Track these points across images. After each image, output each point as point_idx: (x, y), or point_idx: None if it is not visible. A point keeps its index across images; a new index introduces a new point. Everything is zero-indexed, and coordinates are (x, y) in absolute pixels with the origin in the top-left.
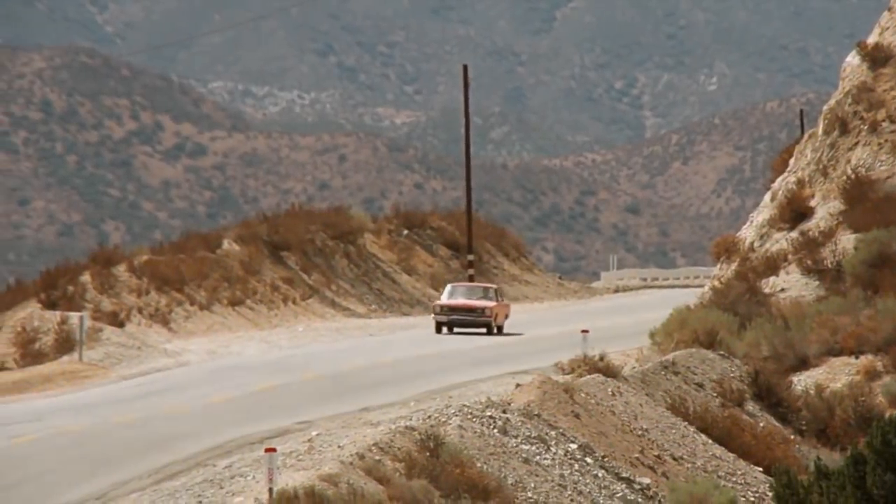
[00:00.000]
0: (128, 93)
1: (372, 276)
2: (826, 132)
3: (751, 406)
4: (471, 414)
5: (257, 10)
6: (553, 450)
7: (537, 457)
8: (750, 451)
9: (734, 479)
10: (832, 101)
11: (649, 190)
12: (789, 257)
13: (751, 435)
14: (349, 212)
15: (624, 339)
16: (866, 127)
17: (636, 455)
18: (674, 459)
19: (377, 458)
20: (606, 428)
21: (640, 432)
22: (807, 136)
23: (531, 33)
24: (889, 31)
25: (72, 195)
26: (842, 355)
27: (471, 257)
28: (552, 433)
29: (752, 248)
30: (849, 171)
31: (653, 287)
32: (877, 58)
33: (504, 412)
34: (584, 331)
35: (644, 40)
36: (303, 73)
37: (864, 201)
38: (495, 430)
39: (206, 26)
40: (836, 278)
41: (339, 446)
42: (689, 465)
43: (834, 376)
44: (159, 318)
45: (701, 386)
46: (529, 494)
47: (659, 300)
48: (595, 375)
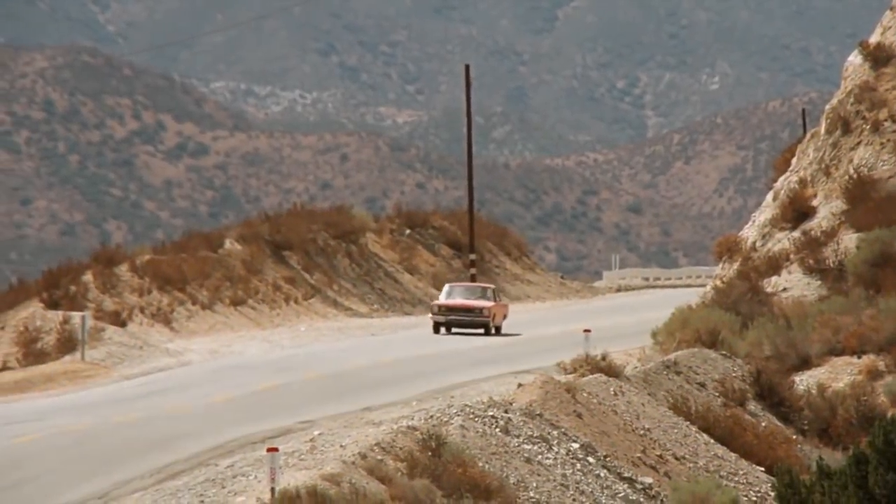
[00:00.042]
0: (130, 92)
1: (374, 276)
2: (828, 132)
3: (753, 406)
4: (473, 413)
5: (259, 10)
6: (555, 449)
7: (539, 456)
8: (752, 451)
9: (736, 478)
10: (834, 100)
11: (651, 189)
12: (791, 257)
13: (753, 434)
14: (351, 211)
15: (626, 339)
16: (868, 126)
17: (638, 455)
18: (676, 459)
19: (379, 457)
20: (608, 427)
21: (642, 432)
22: (809, 135)
23: (533, 33)
24: (891, 30)
25: (74, 195)
26: (844, 355)
27: (473, 257)
28: (554, 433)
29: (754, 248)
30: (851, 171)
31: (655, 286)
32: (879, 57)
33: (506, 412)
34: (587, 330)
35: (646, 40)
36: (305, 73)
37: (866, 201)
38: (497, 430)
39: (208, 26)
40: (838, 278)
41: (341, 446)
42: (691, 465)
43: (836, 376)
44: (161, 318)
45: (703, 385)
46: (531, 494)
47: (661, 300)
48: (597, 375)
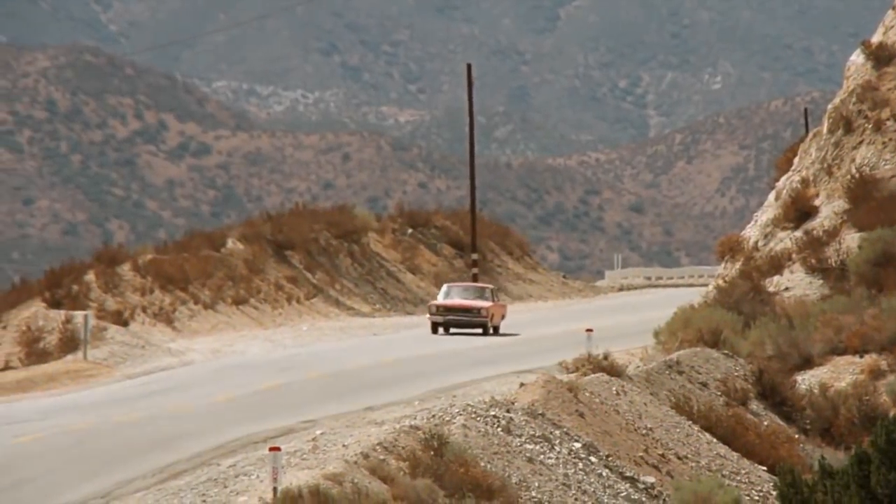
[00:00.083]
0: (132, 92)
1: (376, 276)
2: (830, 131)
3: (755, 405)
4: (475, 413)
5: (261, 10)
6: (557, 449)
7: (541, 456)
8: (754, 450)
9: (738, 478)
10: (836, 99)
11: (653, 189)
12: (793, 256)
13: (755, 434)
14: (353, 211)
15: (628, 338)
16: (871, 126)
17: (640, 454)
18: (678, 458)
19: (381, 457)
20: (611, 427)
21: (644, 431)
22: (811, 135)
23: (535, 32)
24: (893, 30)
25: (76, 194)
26: (846, 354)
27: (475, 256)
28: (556, 432)
29: (756, 247)
30: (853, 170)
31: (657, 286)
32: (881, 57)
33: (508, 411)
34: (589, 330)
35: (648, 39)
36: (307, 72)
37: (868, 200)
38: (499, 430)
39: (210, 25)
40: (840, 277)
41: (343, 445)
42: (694, 464)
43: (838, 375)
44: (163, 317)
45: (705, 385)
46: (533, 494)
47: (663, 299)
48: (599, 374)
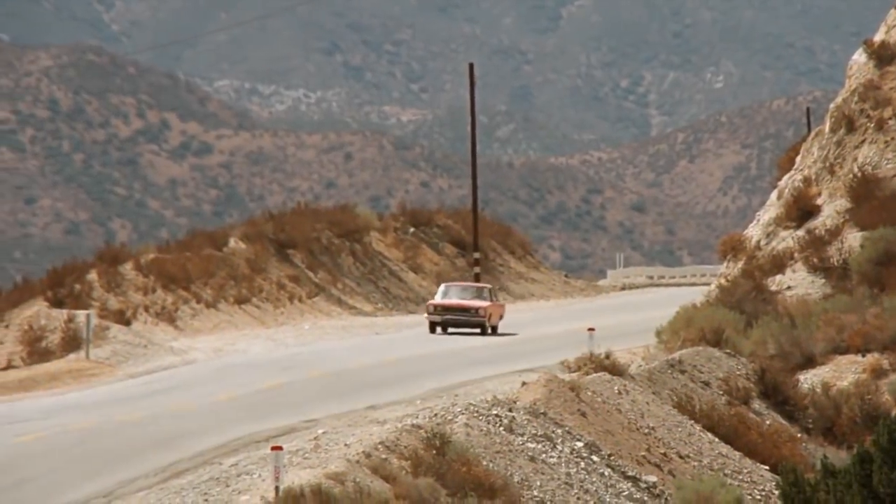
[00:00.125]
0: (134, 91)
1: (378, 275)
2: (832, 130)
3: (757, 404)
4: (477, 412)
5: (263, 9)
6: (559, 448)
7: (543, 455)
8: (756, 450)
9: (740, 477)
10: (839, 99)
11: (655, 188)
12: (796, 255)
13: (757, 433)
14: (355, 210)
15: (630, 338)
16: (873, 125)
17: (642, 453)
18: (680, 457)
19: (383, 456)
20: (613, 426)
21: (646, 430)
22: (813, 134)
23: (537, 32)
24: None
25: (78, 193)
26: (848, 353)
27: (477, 255)
28: (558, 431)
29: (758, 247)
30: (855, 170)
31: (659, 285)
32: (883, 56)
33: (510, 410)
34: (591, 329)
35: (650, 38)
36: (309, 72)
37: (870, 199)
38: (501, 429)
39: (212, 25)
40: (842, 276)
41: (345, 444)
42: (696, 464)
43: (840, 374)
44: (166, 316)
45: (707, 384)
46: (535, 493)
47: (665, 298)
48: (601, 374)
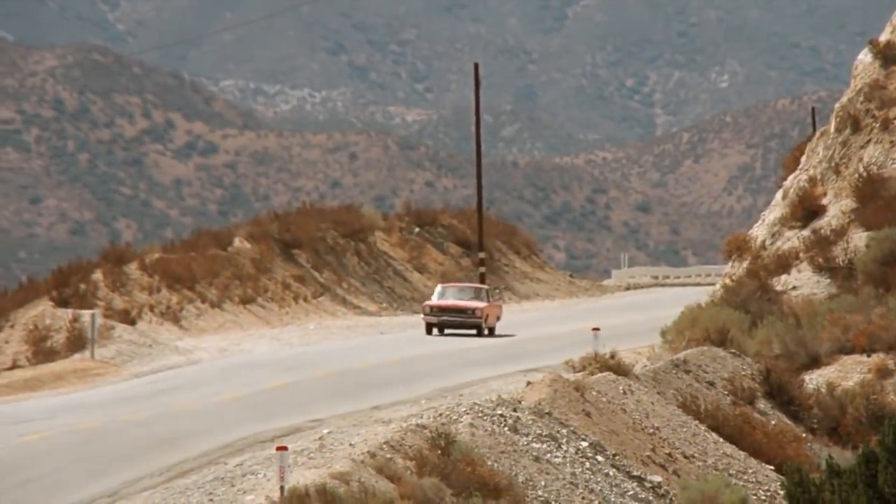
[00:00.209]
0: (139, 91)
1: (383, 274)
2: (838, 130)
3: (762, 404)
4: (482, 412)
5: (268, 9)
6: (564, 448)
7: (548, 455)
8: (761, 450)
9: (745, 477)
10: (844, 98)
11: (660, 188)
12: (801, 255)
13: (762, 433)
14: (360, 210)
15: (635, 338)
16: (878, 125)
17: (647, 453)
18: (685, 458)
19: (388, 456)
20: (617, 426)
21: (651, 430)
22: (818, 133)
23: (542, 31)
24: None
25: (83, 193)
26: (853, 353)
27: (482, 255)
28: (563, 431)
29: (763, 246)
30: (861, 169)
31: (664, 285)
32: (888, 56)
33: (515, 410)
34: (595, 329)
35: (655, 38)
36: (314, 72)
37: (875, 199)
38: (506, 429)
39: (217, 24)
40: (847, 276)
41: (350, 444)
42: (701, 464)
43: (845, 374)
44: (170, 316)
45: (712, 384)
46: (540, 493)
47: (670, 298)
48: (606, 374)
